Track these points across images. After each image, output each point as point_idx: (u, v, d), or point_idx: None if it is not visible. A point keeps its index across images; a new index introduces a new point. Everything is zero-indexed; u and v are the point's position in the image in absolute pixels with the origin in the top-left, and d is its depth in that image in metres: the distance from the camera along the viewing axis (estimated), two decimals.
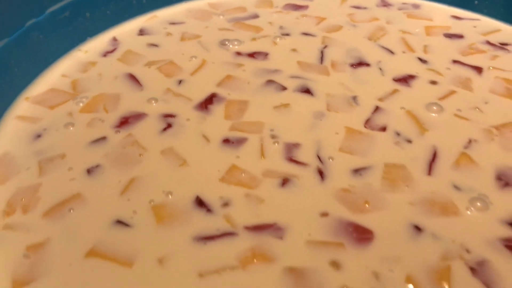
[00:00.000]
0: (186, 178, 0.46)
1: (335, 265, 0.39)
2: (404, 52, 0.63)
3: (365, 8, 0.73)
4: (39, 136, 0.50)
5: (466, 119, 0.53)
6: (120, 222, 0.42)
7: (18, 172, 0.46)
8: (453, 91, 0.57)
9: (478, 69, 0.60)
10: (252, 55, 0.62)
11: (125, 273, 0.38)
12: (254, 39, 0.66)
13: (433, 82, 0.58)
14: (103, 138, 0.50)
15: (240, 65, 0.61)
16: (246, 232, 0.41)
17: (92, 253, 0.39)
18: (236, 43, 0.65)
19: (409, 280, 0.38)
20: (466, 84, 0.58)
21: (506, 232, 0.42)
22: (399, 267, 0.39)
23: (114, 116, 0.53)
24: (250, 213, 0.43)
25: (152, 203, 0.43)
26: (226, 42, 0.65)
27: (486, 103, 0.55)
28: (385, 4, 0.74)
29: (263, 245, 0.40)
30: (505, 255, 0.40)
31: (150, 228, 0.41)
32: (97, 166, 0.47)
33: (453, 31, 0.68)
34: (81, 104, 0.54)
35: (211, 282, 0.38)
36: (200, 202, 0.43)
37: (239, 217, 0.42)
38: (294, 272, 0.38)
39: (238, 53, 0.63)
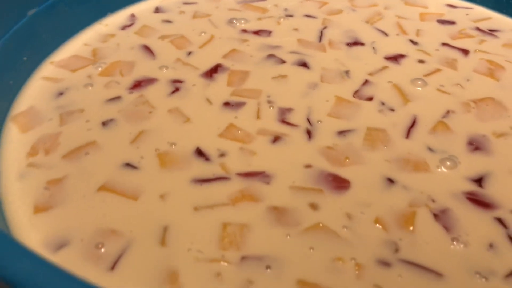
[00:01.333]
0: (188, 132, 0.52)
1: (313, 206, 0.44)
2: (397, 34, 0.68)
3: None
4: (61, 93, 0.57)
5: (447, 93, 0.58)
6: (128, 165, 0.48)
7: (41, 122, 0.53)
8: (438, 69, 0.62)
9: (465, 51, 0.65)
10: (257, 32, 0.68)
11: (130, 205, 0.44)
12: (259, 19, 0.71)
13: (421, 61, 0.63)
14: (118, 97, 0.56)
15: (245, 40, 0.66)
16: (238, 177, 0.47)
17: (103, 188, 0.46)
18: (243, 21, 0.70)
19: (377, 221, 0.43)
20: (451, 64, 0.63)
21: (469, 187, 0.47)
22: (369, 210, 0.44)
23: (129, 80, 0.59)
24: (242, 163, 0.48)
25: (157, 151, 0.49)
26: (234, 21, 0.70)
27: (468, 80, 0.60)
28: None
29: (252, 188, 0.46)
30: (466, 205, 0.45)
31: (154, 171, 0.47)
32: (112, 120, 0.53)
33: (446, 17, 0.73)
34: (99, 69, 0.60)
35: (204, 215, 0.43)
36: (199, 152, 0.49)
37: (232, 165, 0.48)
38: (277, 210, 0.44)
39: (244, 30, 0.68)
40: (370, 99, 0.57)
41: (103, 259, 0.40)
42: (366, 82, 0.59)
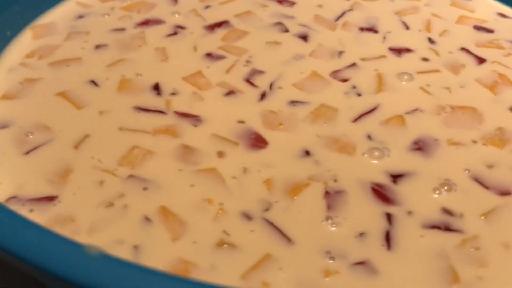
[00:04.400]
0: (159, 69, 0.56)
1: (220, 154, 0.47)
2: (420, 30, 0.65)
3: None
4: (81, 17, 0.65)
5: (428, 93, 0.55)
6: (93, 82, 0.54)
7: (51, 35, 0.61)
8: (437, 70, 0.58)
9: (481, 60, 0.60)
10: (280, 1, 0.70)
11: (73, 112, 0.51)
12: None
13: (425, 59, 0.60)
14: (122, 29, 0.63)
15: (265, 6, 0.69)
16: (174, 115, 0.51)
17: (61, 94, 0.52)
18: None
19: (267, 182, 0.44)
20: (455, 68, 0.59)
21: (382, 179, 0.45)
22: (267, 171, 0.45)
23: (141, 18, 0.65)
24: (186, 104, 0.52)
25: (123, 77, 0.55)
26: None
27: (462, 87, 0.56)
28: None
29: (178, 126, 0.49)
30: (365, 194, 0.44)
31: (110, 92, 0.53)
32: (105, 45, 0.60)
33: (486, 25, 0.67)
34: (124, 4, 0.67)
35: (124, 135, 0.48)
36: (156, 87, 0.54)
37: (176, 104, 0.52)
38: (186, 149, 0.47)
39: None
40: (345, 80, 0.56)
41: (25, 144, 0.47)
42: (352, 65, 0.58)
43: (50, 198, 0.42)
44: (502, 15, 0.70)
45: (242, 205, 0.42)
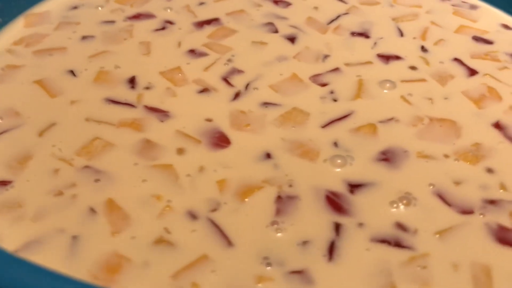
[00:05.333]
0: (139, 63, 0.56)
1: (181, 151, 0.46)
2: (414, 38, 0.63)
3: None
4: (75, 7, 0.66)
5: (408, 103, 0.53)
6: (71, 72, 0.55)
7: (43, 24, 0.62)
8: (423, 79, 0.56)
9: (472, 72, 0.58)
10: (276, 2, 0.69)
11: (46, 100, 0.51)
12: None
13: (413, 68, 0.58)
14: (112, 22, 0.63)
15: (259, 5, 0.68)
16: (143, 109, 0.51)
17: (38, 82, 0.53)
18: None
19: (220, 182, 0.44)
20: (443, 79, 0.57)
21: (339, 188, 0.44)
22: (223, 171, 0.45)
23: (132, 11, 0.65)
24: (157, 99, 0.52)
25: (102, 68, 0.55)
26: None
27: (446, 98, 0.54)
28: None
29: (145, 120, 0.49)
30: (317, 201, 0.43)
31: (86, 82, 0.54)
32: (92, 36, 0.60)
33: (486, 36, 0.64)
34: None
35: (89, 126, 0.48)
36: (131, 80, 0.54)
37: (147, 99, 0.52)
38: (147, 143, 0.47)
39: None
40: (324, 85, 0.55)
41: None
42: (335, 69, 0.57)
43: (4, 183, 0.43)
44: (506, 26, 0.67)
45: (190, 203, 0.42)
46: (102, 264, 0.37)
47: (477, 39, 0.64)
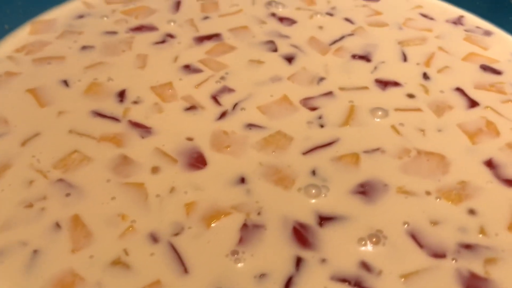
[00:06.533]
0: (132, 76, 0.57)
1: (155, 169, 0.46)
2: (418, 63, 0.61)
3: (431, 19, 0.70)
4: (81, 16, 0.67)
5: (398, 133, 0.51)
6: (64, 82, 0.56)
7: (48, 32, 0.64)
8: (419, 109, 0.54)
9: (473, 104, 0.56)
10: (281, 19, 0.68)
11: (35, 110, 0.52)
12: (298, 8, 0.71)
13: (411, 96, 0.56)
14: (114, 32, 0.64)
15: (263, 22, 0.67)
16: (126, 123, 0.51)
17: (30, 90, 0.54)
18: (280, 6, 0.71)
19: (188, 205, 0.43)
20: (440, 110, 0.54)
21: (308, 220, 0.43)
22: (194, 194, 0.44)
23: (136, 23, 0.66)
24: (143, 114, 0.52)
25: (95, 80, 0.56)
26: (273, 3, 0.71)
27: (439, 131, 0.52)
28: (456, 22, 0.70)
29: (126, 135, 0.50)
30: (283, 232, 0.42)
31: (77, 93, 0.54)
32: (92, 46, 0.61)
33: (496, 65, 0.61)
34: (126, 8, 0.69)
35: (71, 139, 0.49)
36: (121, 93, 0.54)
37: (133, 113, 0.52)
38: (124, 160, 0.47)
39: (273, 14, 0.69)
40: (314, 109, 0.54)
41: None
42: (328, 93, 0.56)
43: None
44: None
45: (154, 225, 0.42)
46: (56, 282, 0.38)
47: (485, 68, 0.61)
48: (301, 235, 0.41)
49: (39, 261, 0.39)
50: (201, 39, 0.63)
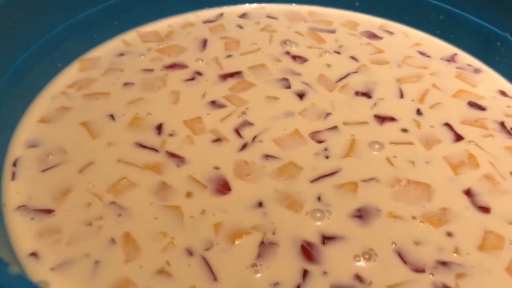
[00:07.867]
0: (167, 111, 0.67)
1: (189, 194, 0.56)
2: (413, 100, 0.70)
3: (428, 56, 0.79)
4: (122, 54, 0.77)
5: (392, 164, 0.61)
6: (111, 116, 0.66)
7: (94, 69, 0.74)
8: (411, 142, 0.64)
9: (459, 138, 0.65)
10: (294, 57, 0.78)
11: (88, 141, 0.62)
12: (310, 47, 0.80)
13: (404, 130, 0.66)
14: (151, 70, 0.74)
15: (279, 60, 0.77)
16: (164, 153, 0.61)
17: (84, 124, 0.65)
18: (294, 45, 0.81)
19: (217, 225, 0.53)
20: (429, 143, 0.64)
21: (313, 239, 0.52)
22: (221, 215, 0.54)
23: (169, 61, 0.76)
24: (177, 146, 0.62)
25: (136, 114, 0.66)
26: (288, 42, 0.81)
27: (427, 162, 0.61)
28: (450, 60, 0.79)
29: (164, 164, 0.60)
30: (294, 249, 0.51)
31: (122, 126, 0.65)
32: (132, 83, 0.72)
33: (481, 102, 0.71)
34: (160, 46, 0.79)
35: (119, 167, 0.59)
36: (159, 127, 0.65)
37: (170, 145, 0.62)
38: (163, 185, 0.57)
39: (287, 53, 0.79)
40: (320, 142, 0.63)
41: (44, 163, 0.59)
42: (333, 127, 0.65)
43: (49, 211, 0.54)
44: (502, 93, 0.73)
45: (189, 242, 0.52)
46: (114, 287, 0.48)
47: (472, 104, 0.70)
48: (307, 251, 0.51)
49: (99, 270, 0.49)
50: (225, 77, 0.73)
